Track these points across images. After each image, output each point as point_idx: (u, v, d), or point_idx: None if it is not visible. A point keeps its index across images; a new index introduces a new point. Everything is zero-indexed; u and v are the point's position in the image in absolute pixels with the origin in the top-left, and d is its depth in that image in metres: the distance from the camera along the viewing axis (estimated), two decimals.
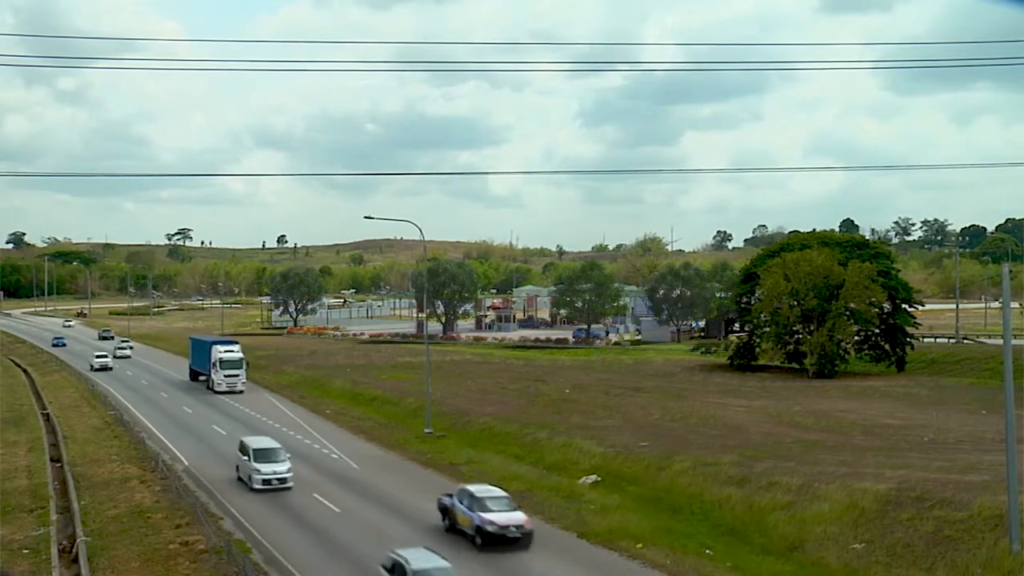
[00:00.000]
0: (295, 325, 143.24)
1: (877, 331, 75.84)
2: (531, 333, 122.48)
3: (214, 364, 67.81)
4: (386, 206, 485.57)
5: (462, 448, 45.03)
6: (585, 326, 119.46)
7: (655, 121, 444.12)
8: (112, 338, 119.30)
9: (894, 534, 27.10)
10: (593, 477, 37.72)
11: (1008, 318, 26.83)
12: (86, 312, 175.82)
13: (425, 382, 52.61)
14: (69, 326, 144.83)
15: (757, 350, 79.48)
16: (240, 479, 38.03)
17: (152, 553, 27.54)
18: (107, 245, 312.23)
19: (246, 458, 37.51)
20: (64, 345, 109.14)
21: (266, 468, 36.47)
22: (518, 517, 28.49)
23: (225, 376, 67.23)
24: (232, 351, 68.88)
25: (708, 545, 28.71)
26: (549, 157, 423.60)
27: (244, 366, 68.80)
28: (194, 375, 75.52)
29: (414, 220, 70.89)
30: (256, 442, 38.90)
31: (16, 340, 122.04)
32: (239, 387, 67.31)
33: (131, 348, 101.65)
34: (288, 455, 38.44)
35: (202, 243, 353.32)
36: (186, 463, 42.22)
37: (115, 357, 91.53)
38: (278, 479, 36.36)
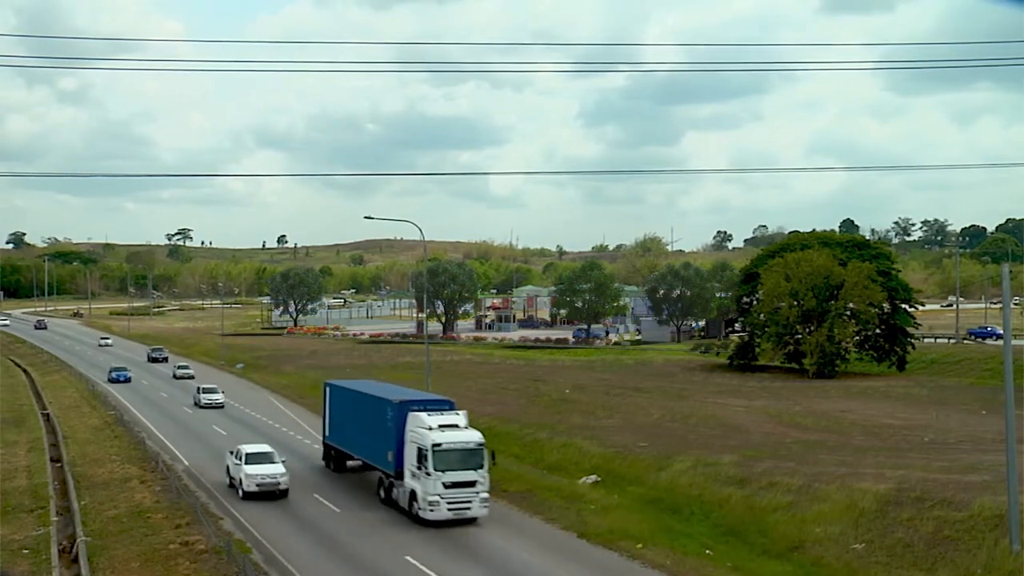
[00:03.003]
0: (295, 325, 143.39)
1: (878, 331, 75.86)
2: (531, 333, 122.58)
3: (422, 457, 31.13)
4: (386, 206, 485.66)
5: None
6: (585, 326, 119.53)
7: (656, 121, 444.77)
8: (165, 359, 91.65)
9: (894, 534, 27.11)
10: (593, 477, 37.72)
11: (1008, 318, 26.84)
12: (82, 312, 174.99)
13: (425, 382, 52.60)
14: (107, 343, 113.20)
15: (757, 350, 79.48)
16: None
17: (152, 553, 27.52)
18: (107, 245, 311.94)
19: None
20: (128, 380, 75.21)
21: None
22: None
23: (447, 488, 30.71)
24: (455, 426, 32.29)
25: (708, 545, 28.71)
26: (550, 157, 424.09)
27: (487, 461, 31.82)
28: (339, 459, 40.03)
29: (414, 220, 70.91)
30: None
31: (16, 340, 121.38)
32: (475, 509, 31.14)
33: (193, 376, 76.52)
34: None
35: (202, 243, 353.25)
36: (186, 463, 42.18)
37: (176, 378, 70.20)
38: None
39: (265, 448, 37.47)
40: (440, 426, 31.71)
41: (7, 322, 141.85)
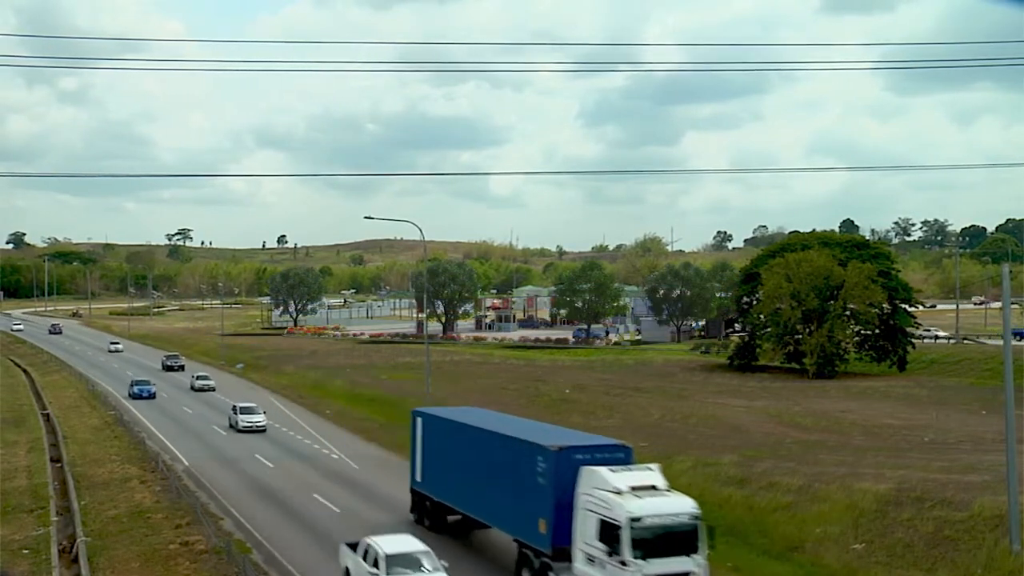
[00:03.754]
0: (295, 325, 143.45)
1: (878, 331, 75.88)
2: (531, 333, 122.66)
3: (611, 536, 21.15)
4: (387, 206, 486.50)
5: None
6: (585, 326, 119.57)
7: (656, 121, 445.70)
8: (182, 367, 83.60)
9: (894, 534, 27.09)
10: None
11: (1008, 318, 26.81)
12: (81, 312, 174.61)
13: (425, 382, 52.66)
14: (117, 348, 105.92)
15: (757, 350, 79.51)
16: None
17: (152, 553, 27.52)
18: (107, 245, 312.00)
19: None
20: (153, 396, 65.59)
21: None
22: None
23: None
24: (652, 487, 22.51)
25: (708, 545, 28.63)
26: (550, 157, 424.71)
27: (705, 541, 22.36)
28: (436, 513, 30.21)
29: (414, 220, 71.07)
30: None
31: (17, 341, 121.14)
32: None
33: (215, 388, 69.31)
34: None
35: (202, 243, 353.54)
36: (186, 463, 42.16)
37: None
38: None
39: (416, 545, 23.70)
40: (633, 489, 21.70)
41: (21, 326, 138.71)
